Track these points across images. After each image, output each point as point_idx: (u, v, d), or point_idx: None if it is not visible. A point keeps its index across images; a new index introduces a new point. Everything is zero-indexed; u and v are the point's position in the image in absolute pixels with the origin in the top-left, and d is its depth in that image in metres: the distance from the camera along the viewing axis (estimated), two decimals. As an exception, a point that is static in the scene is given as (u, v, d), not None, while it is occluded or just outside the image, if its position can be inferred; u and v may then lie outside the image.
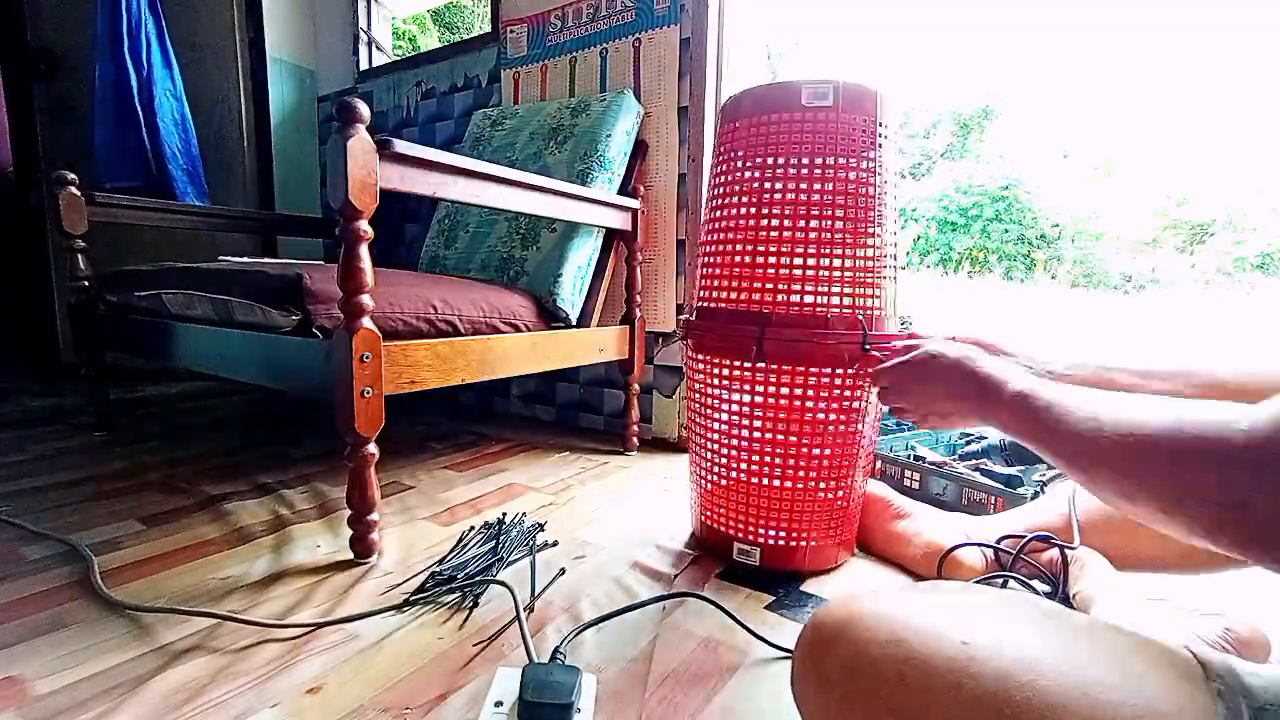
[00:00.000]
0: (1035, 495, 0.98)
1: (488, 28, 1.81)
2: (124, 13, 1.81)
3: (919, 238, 7.37)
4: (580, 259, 1.36)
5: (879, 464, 1.20)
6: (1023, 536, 0.81)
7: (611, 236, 1.44)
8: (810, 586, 0.86)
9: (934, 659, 0.32)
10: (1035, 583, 0.81)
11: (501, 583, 0.79)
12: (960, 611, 0.36)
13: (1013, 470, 1.11)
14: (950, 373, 0.60)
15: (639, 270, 1.43)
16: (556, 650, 0.63)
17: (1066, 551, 0.77)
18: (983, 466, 1.14)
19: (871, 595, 0.39)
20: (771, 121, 0.84)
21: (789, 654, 0.64)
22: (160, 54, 1.90)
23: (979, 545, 0.85)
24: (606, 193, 1.33)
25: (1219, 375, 0.54)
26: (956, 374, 0.59)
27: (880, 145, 0.83)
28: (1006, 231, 7.07)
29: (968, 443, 1.27)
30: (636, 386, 1.47)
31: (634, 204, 1.37)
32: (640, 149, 1.48)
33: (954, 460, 1.19)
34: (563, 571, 0.86)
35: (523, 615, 0.70)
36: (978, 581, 0.82)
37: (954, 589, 0.40)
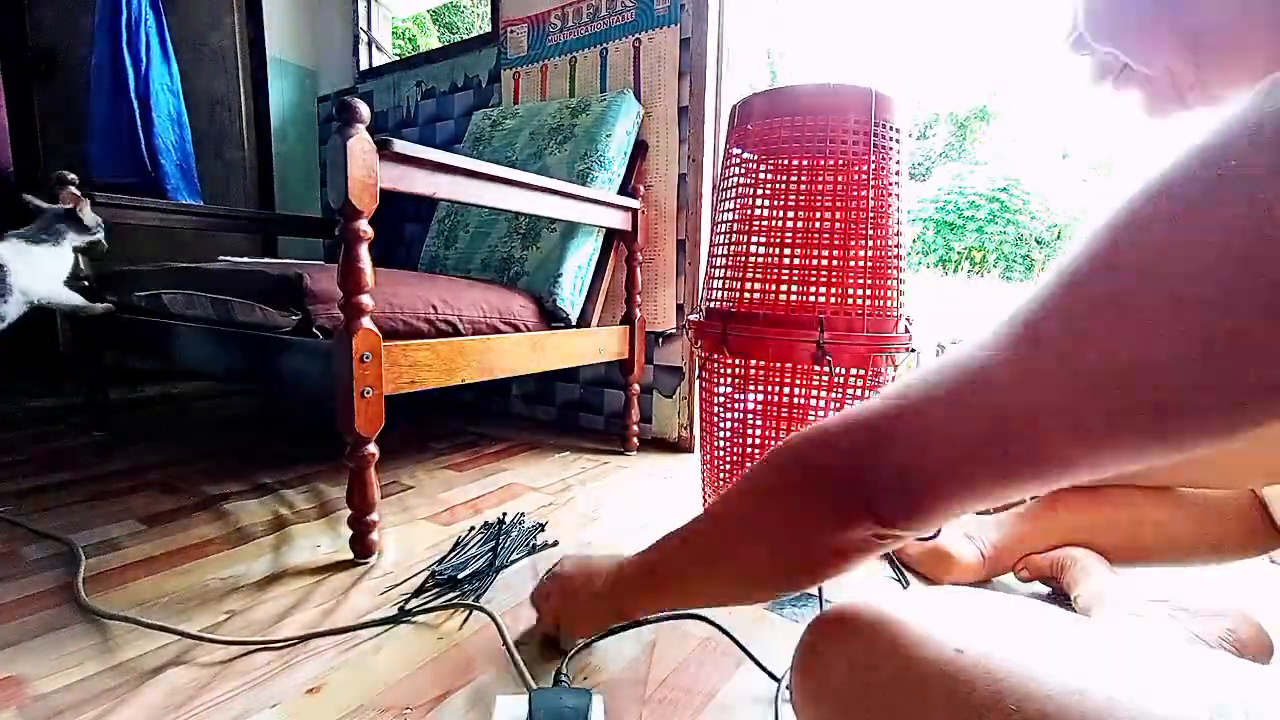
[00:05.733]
0: (1034, 495, 0.98)
1: (488, 28, 1.81)
2: (124, 7, 1.81)
3: (917, 238, 7.37)
4: (580, 259, 1.36)
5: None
6: None
7: (611, 236, 1.44)
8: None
9: (930, 666, 0.32)
10: (1035, 583, 0.81)
11: (483, 609, 0.75)
12: (959, 618, 0.35)
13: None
14: (562, 586, 0.63)
15: (639, 270, 1.43)
16: (559, 672, 0.62)
17: (1066, 557, 0.77)
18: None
19: (869, 602, 0.38)
20: (783, 125, 0.84)
21: (775, 678, 0.63)
22: (160, 49, 1.89)
23: (977, 547, 0.85)
24: (606, 193, 1.33)
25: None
26: (565, 586, 0.63)
27: (891, 149, 0.84)
28: (1004, 232, 7.08)
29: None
30: (636, 386, 1.47)
31: (634, 204, 1.37)
32: (640, 149, 1.48)
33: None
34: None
35: (511, 644, 0.66)
36: (979, 585, 0.82)
37: (956, 594, 0.39)
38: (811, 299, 0.84)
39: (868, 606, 0.37)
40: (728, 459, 0.95)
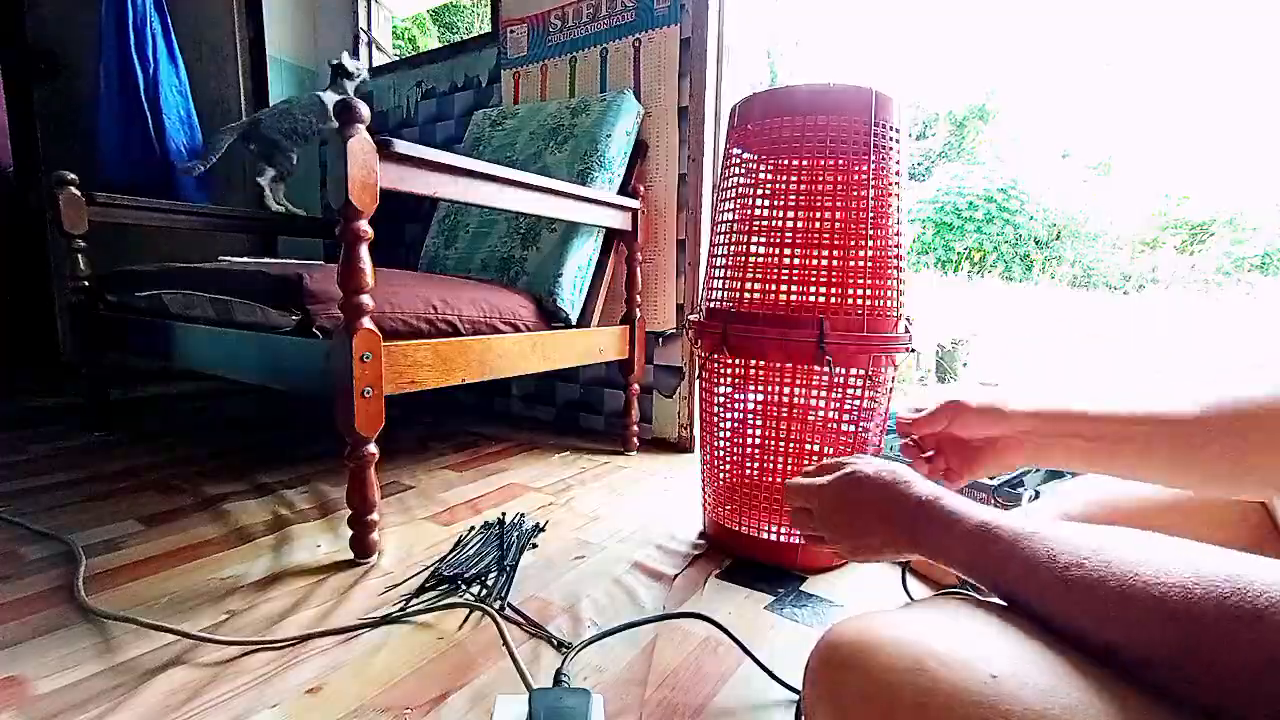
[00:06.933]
0: (1034, 498, 0.98)
1: (488, 28, 1.81)
2: (129, 9, 1.81)
3: (917, 238, 7.38)
4: (580, 259, 1.36)
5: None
6: None
7: (611, 236, 1.44)
8: (811, 586, 0.86)
9: (959, 692, 0.30)
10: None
11: (484, 608, 0.75)
12: (989, 639, 0.34)
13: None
14: (882, 496, 0.50)
15: (639, 270, 1.43)
16: (559, 672, 0.62)
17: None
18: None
19: (888, 616, 0.36)
20: (783, 125, 0.84)
21: (789, 687, 0.63)
22: (166, 50, 1.90)
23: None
24: (606, 193, 1.33)
25: (1184, 412, 0.45)
26: (890, 498, 0.50)
27: (891, 149, 0.84)
28: (1002, 232, 7.08)
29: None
30: (636, 386, 1.46)
31: (634, 204, 1.37)
32: (640, 149, 1.48)
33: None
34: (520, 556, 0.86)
35: (513, 645, 0.67)
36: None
37: (980, 610, 0.38)
38: (811, 299, 0.85)
39: (885, 621, 0.36)
40: (728, 459, 0.95)
